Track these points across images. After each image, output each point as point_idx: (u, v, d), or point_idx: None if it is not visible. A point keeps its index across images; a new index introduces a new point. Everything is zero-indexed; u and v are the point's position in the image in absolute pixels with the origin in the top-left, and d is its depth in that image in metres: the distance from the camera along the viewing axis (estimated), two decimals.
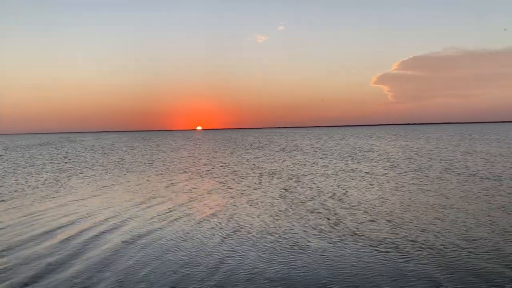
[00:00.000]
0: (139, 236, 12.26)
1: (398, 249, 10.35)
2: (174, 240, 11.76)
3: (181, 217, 14.77)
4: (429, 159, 35.27)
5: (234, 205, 16.93)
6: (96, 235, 12.40)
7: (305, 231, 12.44)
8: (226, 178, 26.39)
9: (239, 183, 23.53)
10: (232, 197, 19.02)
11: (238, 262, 9.64)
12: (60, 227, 13.52)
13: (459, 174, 24.64)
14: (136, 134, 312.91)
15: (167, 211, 15.95)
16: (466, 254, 9.82)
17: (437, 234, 11.71)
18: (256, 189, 21.20)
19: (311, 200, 17.50)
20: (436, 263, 9.29)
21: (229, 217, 14.73)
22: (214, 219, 14.34)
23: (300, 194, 19.08)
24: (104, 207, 17.11)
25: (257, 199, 18.23)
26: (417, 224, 12.95)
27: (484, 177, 23.24)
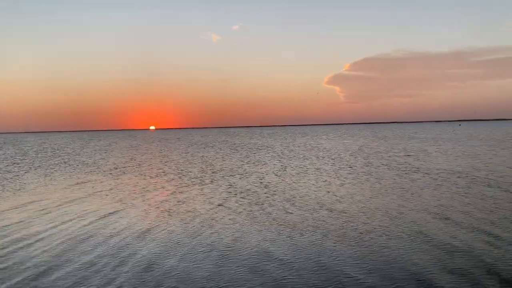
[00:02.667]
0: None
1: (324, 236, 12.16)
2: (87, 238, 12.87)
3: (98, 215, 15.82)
4: (367, 156, 38.20)
5: (154, 203, 18.16)
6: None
7: (240, 225, 13.99)
8: (155, 177, 27.42)
9: (168, 182, 24.71)
10: (156, 195, 20.22)
11: (167, 264, 10.99)
12: None
13: (394, 168, 27.35)
14: (84, 134, 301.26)
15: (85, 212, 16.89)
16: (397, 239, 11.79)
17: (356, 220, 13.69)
18: (194, 184, 22.53)
19: (245, 192, 19.12)
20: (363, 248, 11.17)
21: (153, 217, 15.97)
22: (148, 218, 15.54)
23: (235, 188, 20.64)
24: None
25: (194, 194, 19.58)
26: (345, 212, 14.91)
27: (416, 171, 26.04)
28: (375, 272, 8.94)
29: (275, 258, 10.02)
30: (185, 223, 13.97)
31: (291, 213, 15.06)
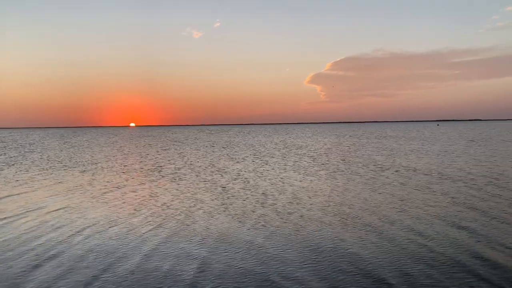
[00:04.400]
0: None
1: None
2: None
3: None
4: (341, 154, 38.92)
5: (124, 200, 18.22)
6: None
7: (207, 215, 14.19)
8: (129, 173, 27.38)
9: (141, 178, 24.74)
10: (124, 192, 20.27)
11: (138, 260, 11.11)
12: None
13: (364, 166, 27.98)
14: (62, 130, 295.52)
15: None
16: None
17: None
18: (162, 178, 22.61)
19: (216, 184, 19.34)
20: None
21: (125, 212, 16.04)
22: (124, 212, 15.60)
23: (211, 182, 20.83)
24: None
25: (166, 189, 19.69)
26: (315, 206, 15.26)
27: (387, 168, 26.71)
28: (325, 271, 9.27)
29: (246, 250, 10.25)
30: (155, 217, 14.08)
31: (261, 207, 15.34)
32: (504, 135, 75.34)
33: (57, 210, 15.40)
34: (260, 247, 10.46)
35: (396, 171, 25.51)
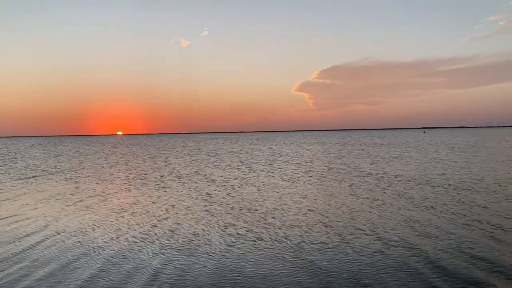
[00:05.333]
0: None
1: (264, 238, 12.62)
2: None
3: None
4: (327, 161, 39.29)
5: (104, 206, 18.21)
6: None
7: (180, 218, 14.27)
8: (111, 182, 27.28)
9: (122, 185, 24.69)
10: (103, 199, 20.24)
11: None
12: None
13: (350, 172, 28.33)
14: (48, 139, 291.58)
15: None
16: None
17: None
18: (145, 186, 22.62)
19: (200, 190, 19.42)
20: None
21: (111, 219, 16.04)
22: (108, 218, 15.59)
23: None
24: None
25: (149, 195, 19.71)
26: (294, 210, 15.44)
27: (370, 174, 27.09)
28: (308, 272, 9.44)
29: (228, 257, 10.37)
30: (136, 224, 14.10)
31: (245, 213, 15.47)
32: (485, 142, 76.82)
33: (29, 218, 15.31)
34: (242, 252, 10.59)
35: (381, 177, 25.90)
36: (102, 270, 9.33)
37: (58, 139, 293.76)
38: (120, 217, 15.32)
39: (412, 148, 60.03)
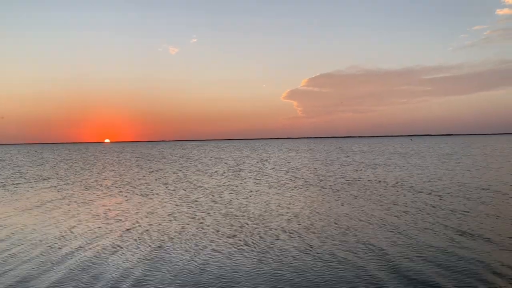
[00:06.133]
0: None
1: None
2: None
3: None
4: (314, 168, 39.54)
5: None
6: None
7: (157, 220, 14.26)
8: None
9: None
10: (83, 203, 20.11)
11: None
12: None
13: (336, 179, 28.58)
14: (35, 147, 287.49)
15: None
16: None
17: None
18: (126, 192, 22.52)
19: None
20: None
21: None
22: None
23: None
24: None
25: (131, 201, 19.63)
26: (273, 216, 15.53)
27: (351, 180, 27.35)
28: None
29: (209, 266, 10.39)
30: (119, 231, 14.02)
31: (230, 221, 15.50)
32: (469, 149, 78.10)
33: (3, 226, 15.15)
34: (228, 257, 10.64)
35: (365, 183, 26.18)
36: (70, 278, 9.28)
37: (42, 146, 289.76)
38: (101, 224, 15.23)
39: (397, 155, 60.73)
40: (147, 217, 16.37)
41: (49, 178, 34.71)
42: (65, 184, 30.19)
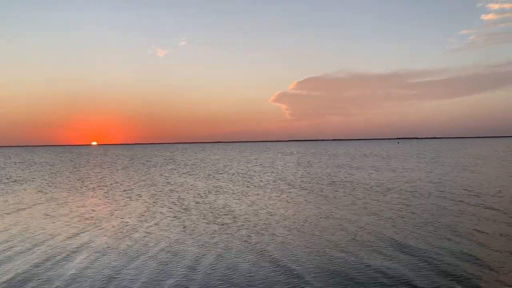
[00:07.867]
0: None
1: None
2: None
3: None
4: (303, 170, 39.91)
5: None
6: None
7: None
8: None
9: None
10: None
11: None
12: None
13: (321, 183, 28.95)
14: (18, 149, 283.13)
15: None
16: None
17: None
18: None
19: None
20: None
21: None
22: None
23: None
24: None
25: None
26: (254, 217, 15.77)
27: (339, 182, 27.76)
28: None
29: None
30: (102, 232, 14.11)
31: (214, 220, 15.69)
32: (451, 152, 79.40)
33: None
34: (215, 259, 10.83)
35: (348, 184, 26.60)
36: (47, 280, 9.41)
37: (26, 149, 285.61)
38: (79, 225, 15.29)
39: (384, 158, 61.53)
40: (129, 217, 16.47)
41: (32, 180, 34.41)
42: (49, 186, 30.01)
